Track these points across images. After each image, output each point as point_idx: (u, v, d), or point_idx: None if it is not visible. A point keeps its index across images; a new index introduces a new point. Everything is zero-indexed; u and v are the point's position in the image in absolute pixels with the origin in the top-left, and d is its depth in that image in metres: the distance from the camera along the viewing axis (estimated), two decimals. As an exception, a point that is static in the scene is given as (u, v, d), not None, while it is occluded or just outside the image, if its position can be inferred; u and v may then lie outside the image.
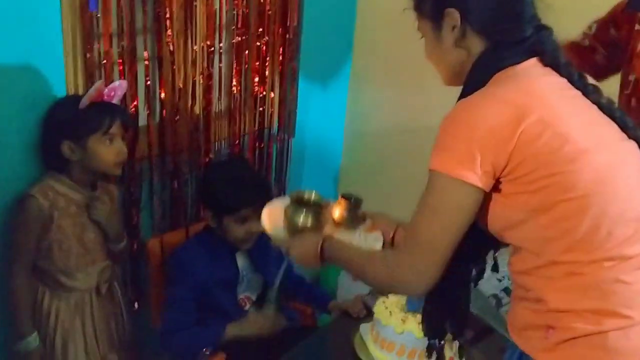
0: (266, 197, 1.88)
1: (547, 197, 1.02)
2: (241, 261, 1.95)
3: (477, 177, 1.02)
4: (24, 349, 1.63)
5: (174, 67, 1.96)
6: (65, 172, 1.63)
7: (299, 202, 1.60)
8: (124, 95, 1.83)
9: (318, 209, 1.59)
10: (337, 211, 1.63)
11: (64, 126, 1.58)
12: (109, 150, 1.61)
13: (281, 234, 1.56)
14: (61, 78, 1.69)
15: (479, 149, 1.01)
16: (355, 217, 1.63)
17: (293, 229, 1.55)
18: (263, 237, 1.96)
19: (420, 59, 2.85)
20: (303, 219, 1.56)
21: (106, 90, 1.62)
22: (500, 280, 1.99)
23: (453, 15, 1.11)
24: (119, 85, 1.65)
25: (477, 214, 1.06)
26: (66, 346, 1.68)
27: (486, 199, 1.06)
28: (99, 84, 1.58)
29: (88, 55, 1.71)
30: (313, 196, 1.64)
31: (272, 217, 1.63)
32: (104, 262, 1.73)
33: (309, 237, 1.41)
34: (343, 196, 1.64)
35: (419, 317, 1.62)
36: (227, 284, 1.91)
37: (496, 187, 1.05)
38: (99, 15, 1.70)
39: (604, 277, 1.01)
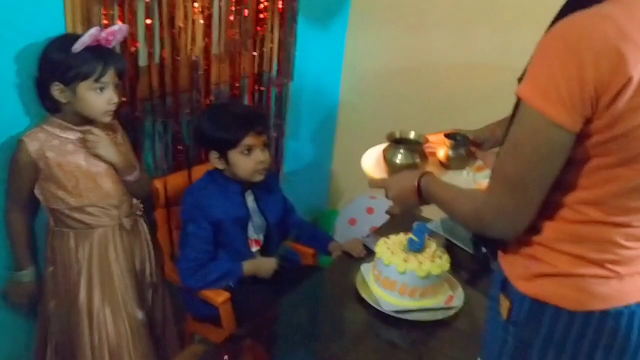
0: (265, 123, 1.92)
1: (610, 157, 0.94)
2: (249, 202, 1.96)
3: (571, 119, 0.89)
4: (17, 279, 1.71)
5: (175, 5, 1.92)
6: (59, 112, 1.62)
7: (397, 142, 1.55)
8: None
9: (417, 147, 1.53)
10: (442, 151, 1.57)
11: (54, 68, 1.55)
12: (98, 99, 1.58)
13: (381, 175, 1.50)
14: (60, 15, 1.65)
15: (579, 84, 0.87)
16: (462, 156, 1.56)
17: (393, 169, 1.51)
18: (270, 178, 1.98)
19: (421, 2, 2.81)
20: (401, 157, 1.51)
21: (104, 34, 1.56)
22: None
23: None
24: (119, 29, 1.60)
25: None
26: (91, 287, 1.71)
27: None
28: (94, 30, 1.53)
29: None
30: (412, 135, 1.58)
31: (372, 160, 1.58)
32: (120, 196, 1.73)
33: (405, 175, 1.30)
34: (447, 135, 1.57)
35: (420, 256, 1.67)
36: (239, 222, 1.93)
37: None
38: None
39: (609, 237, 0.99)
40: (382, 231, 2.00)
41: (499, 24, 2.40)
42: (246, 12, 2.21)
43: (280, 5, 2.35)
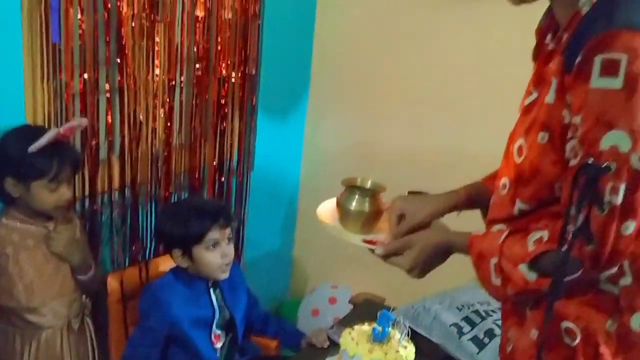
0: (228, 216, 1.88)
1: None
2: (215, 298, 1.91)
3: None
4: None
5: (136, 99, 1.95)
6: (16, 205, 1.60)
7: (353, 189, 1.50)
8: (85, 129, 1.82)
9: (374, 194, 1.49)
10: None
11: (9, 163, 1.54)
12: (50, 196, 1.58)
13: (338, 226, 1.45)
14: (21, 109, 1.66)
15: None
16: None
17: (347, 218, 1.46)
18: (233, 270, 1.93)
19: (378, 90, 2.93)
20: (357, 204, 1.45)
21: (62, 130, 1.56)
22: (460, 309, 2.03)
23: None
24: (78, 125, 1.62)
25: None
26: None
27: None
28: (52, 133, 1.53)
29: (49, 86, 1.69)
30: (369, 183, 1.54)
31: (329, 212, 1.53)
32: (71, 294, 1.68)
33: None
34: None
35: (385, 346, 1.64)
36: (203, 323, 1.87)
37: None
38: (61, 47, 1.69)
39: None
40: (346, 321, 1.97)
41: (454, 112, 2.50)
42: (206, 103, 2.26)
43: (240, 98, 2.41)
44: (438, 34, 2.49)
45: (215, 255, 1.82)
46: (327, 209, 1.57)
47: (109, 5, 1.80)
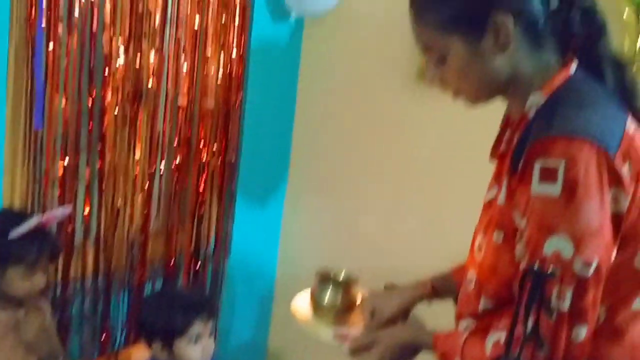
0: (211, 309, 1.84)
1: None
2: None
3: None
4: None
5: (115, 186, 1.95)
6: None
7: (326, 281, 1.51)
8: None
9: (347, 286, 1.49)
10: None
11: None
12: (25, 282, 1.55)
13: (310, 322, 1.46)
14: (-2, 194, 1.65)
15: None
16: None
17: (320, 311, 1.47)
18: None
19: (356, 179, 2.95)
20: (330, 297, 1.46)
21: (44, 219, 1.56)
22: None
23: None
24: (61, 214, 1.63)
25: None
26: None
27: None
28: (34, 221, 1.52)
29: (29, 172, 1.69)
30: (342, 275, 1.55)
31: (304, 305, 1.53)
32: None
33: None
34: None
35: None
36: None
37: None
38: (43, 134, 1.71)
39: None
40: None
41: (434, 200, 2.52)
42: (185, 191, 2.27)
43: (219, 187, 2.42)
44: (420, 124, 2.54)
45: (197, 350, 1.75)
46: (301, 302, 1.57)
47: (94, 93, 1.83)
